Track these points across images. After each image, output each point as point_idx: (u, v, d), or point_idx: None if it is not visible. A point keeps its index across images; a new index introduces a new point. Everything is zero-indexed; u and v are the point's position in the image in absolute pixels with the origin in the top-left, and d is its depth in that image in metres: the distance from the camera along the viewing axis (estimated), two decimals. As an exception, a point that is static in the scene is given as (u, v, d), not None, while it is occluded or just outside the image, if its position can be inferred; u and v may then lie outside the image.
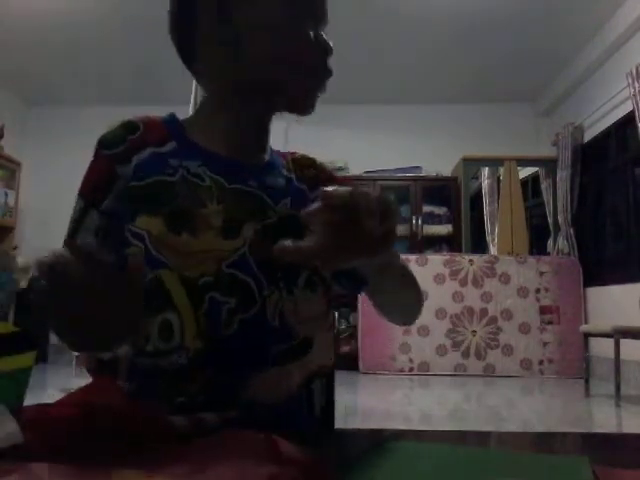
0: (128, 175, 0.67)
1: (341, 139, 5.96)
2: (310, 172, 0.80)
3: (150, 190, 0.66)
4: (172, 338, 0.64)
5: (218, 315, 0.64)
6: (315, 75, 0.70)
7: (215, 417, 0.57)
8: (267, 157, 0.76)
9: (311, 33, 0.69)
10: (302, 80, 0.69)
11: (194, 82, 3.35)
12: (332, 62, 0.71)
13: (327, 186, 0.77)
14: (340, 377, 0.84)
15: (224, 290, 0.64)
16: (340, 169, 5.91)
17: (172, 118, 0.75)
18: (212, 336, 0.64)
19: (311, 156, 0.84)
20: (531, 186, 6.09)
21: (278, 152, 0.80)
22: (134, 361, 0.67)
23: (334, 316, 0.82)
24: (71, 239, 0.66)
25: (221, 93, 0.73)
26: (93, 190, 0.68)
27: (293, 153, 0.83)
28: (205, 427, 0.50)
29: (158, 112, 0.76)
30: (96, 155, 0.70)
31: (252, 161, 0.73)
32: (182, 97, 4.03)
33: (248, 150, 0.73)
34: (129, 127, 0.70)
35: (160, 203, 0.65)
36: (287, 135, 5.79)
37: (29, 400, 0.42)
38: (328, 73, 0.71)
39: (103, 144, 0.70)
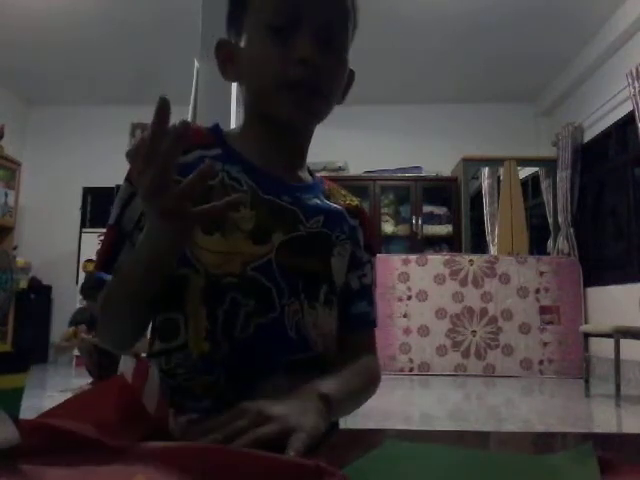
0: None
1: (341, 139, 5.96)
2: (351, 206, 0.82)
3: None
4: (175, 339, 0.66)
5: (236, 316, 0.65)
6: (297, 90, 0.67)
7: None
8: (306, 179, 0.78)
9: (298, 52, 0.66)
10: (286, 95, 0.67)
11: (194, 82, 3.35)
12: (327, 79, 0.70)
13: (361, 219, 0.82)
14: (340, 377, 0.84)
15: (245, 292, 0.66)
16: (340, 169, 5.92)
17: (217, 127, 0.77)
18: (227, 337, 0.65)
19: (352, 196, 0.85)
20: (531, 186, 6.09)
21: (321, 179, 0.82)
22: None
23: None
24: (115, 224, 0.69)
25: (249, 110, 0.75)
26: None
27: (336, 188, 0.84)
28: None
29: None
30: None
31: (289, 179, 0.75)
32: (182, 97, 4.03)
33: (282, 169, 0.74)
34: None
35: (197, 204, 0.65)
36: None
37: (29, 400, 0.42)
38: (307, 91, 0.68)
39: None
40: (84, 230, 5.91)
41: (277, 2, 0.68)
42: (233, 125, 2.76)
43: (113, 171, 5.93)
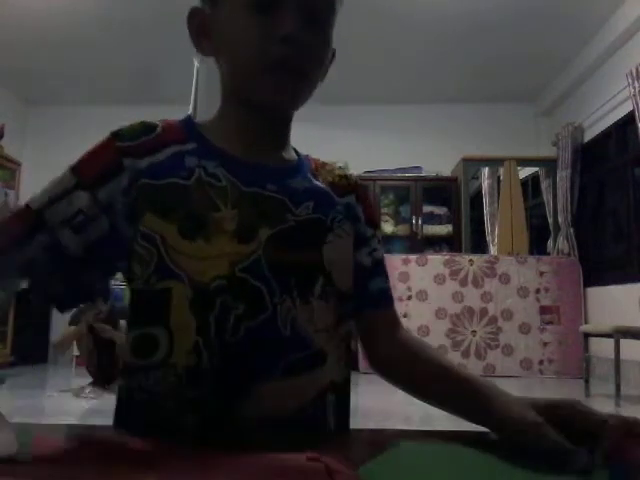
0: (137, 171, 0.65)
1: (341, 139, 5.96)
2: (342, 182, 0.78)
3: (164, 191, 0.64)
4: (153, 355, 0.62)
5: (226, 321, 0.61)
6: (279, 70, 0.65)
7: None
8: (291, 159, 0.74)
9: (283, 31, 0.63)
10: (268, 75, 0.65)
11: (194, 82, 3.35)
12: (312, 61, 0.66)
13: (358, 194, 0.78)
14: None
15: (235, 295, 0.62)
16: (340, 169, 5.91)
17: (188, 119, 0.73)
18: (219, 345, 0.61)
19: (340, 166, 0.81)
20: (531, 186, 6.09)
21: (307, 157, 0.78)
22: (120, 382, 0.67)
23: (350, 330, 0.78)
24: (45, 207, 0.64)
25: (228, 91, 0.72)
26: (94, 174, 0.65)
27: (324, 163, 0.80)
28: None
29: (158, 112, 0.75)
30: (105, 143, 0.67)
31: (272, 163, 0.71)
32: (182, 97, 4.03)
33: (264, 151, 0.71)
34: (146, 127, 0.69)
35: (173, 207, 0.63)
36: (287, 135, 5.80)
37: (29, 400, 0.42)
38: (290, 73, 0.65)
39: (116, 136, 0.67)
40: (84, 230, 5.90)
41: None
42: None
43: (113, 171, 5.94)
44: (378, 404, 3.68)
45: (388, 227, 5.84)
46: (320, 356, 0.67)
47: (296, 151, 0.77)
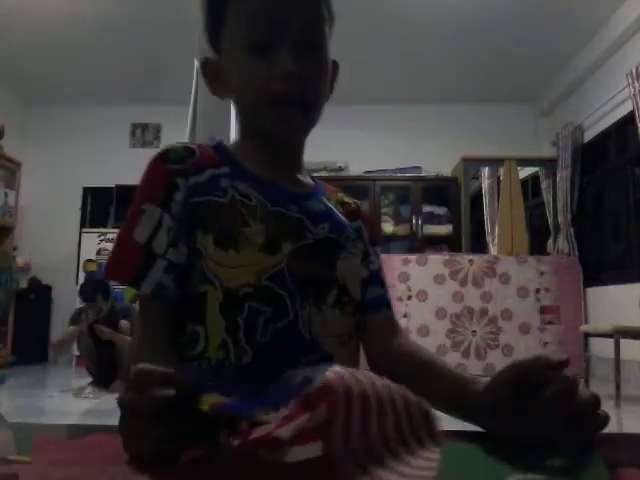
0: (187, 189, 0.72)
1: (341, 139, 5.96)
2: (351, 207, 0.86)
3: (204, 207, 0.71)
4: (196, 347, 0.70)
5: (256, 323, 0.69)
6: (284, 105, 0.70)
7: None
8: (308, 183, 0.82)
9: (284, 62, 0.68)
10: (273, 112, 0.71)
11: (194, 82, 3.35)
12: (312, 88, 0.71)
13: (363, 219, 0.86)
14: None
15: (262, 300, 0.70)
16: (340, 169, 5.93)
17: (220, 145, 0.80)
18: (249, 343, 0.68)
19: (350, 198, 0.89)
20: (531, 186, 6.09)
21: (322, 183, 0.86)
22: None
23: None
24: (145, 245, 0.69)
25: (242, 125, 0.80)
26: (162, 196, 0.71)
27: (333, 189, 0.88)
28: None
29: (158, 112, 0.76)
30: (157, 167, 0.73)
31: (292, 187, 0.78)
32: (182, 97, 4.03)
33: (281, 175, 0.78)
34: (188, 151, 0.75)
35: (211, 221, 0.71)
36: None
37: (29, 400, 0.42)
38: (300, 104, 0.71)
39: (166, 159, 0.73)
40: (84, 230, 5.91)
41: (253, 20, 0.70)
42: (233, 126, 2.77)
43: (113, 171, 5.96)
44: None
45: (388, 227, 5.84)
46: (328, 360, 0.72)
47: (312, 177, 0.85)
